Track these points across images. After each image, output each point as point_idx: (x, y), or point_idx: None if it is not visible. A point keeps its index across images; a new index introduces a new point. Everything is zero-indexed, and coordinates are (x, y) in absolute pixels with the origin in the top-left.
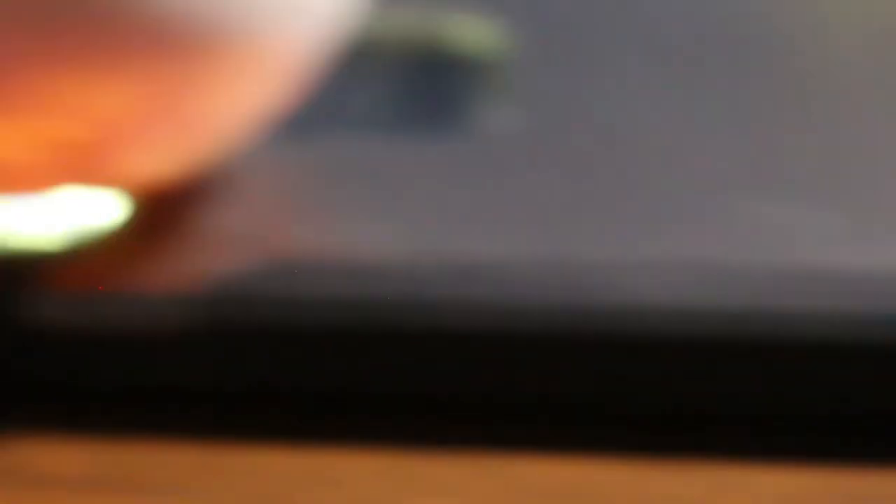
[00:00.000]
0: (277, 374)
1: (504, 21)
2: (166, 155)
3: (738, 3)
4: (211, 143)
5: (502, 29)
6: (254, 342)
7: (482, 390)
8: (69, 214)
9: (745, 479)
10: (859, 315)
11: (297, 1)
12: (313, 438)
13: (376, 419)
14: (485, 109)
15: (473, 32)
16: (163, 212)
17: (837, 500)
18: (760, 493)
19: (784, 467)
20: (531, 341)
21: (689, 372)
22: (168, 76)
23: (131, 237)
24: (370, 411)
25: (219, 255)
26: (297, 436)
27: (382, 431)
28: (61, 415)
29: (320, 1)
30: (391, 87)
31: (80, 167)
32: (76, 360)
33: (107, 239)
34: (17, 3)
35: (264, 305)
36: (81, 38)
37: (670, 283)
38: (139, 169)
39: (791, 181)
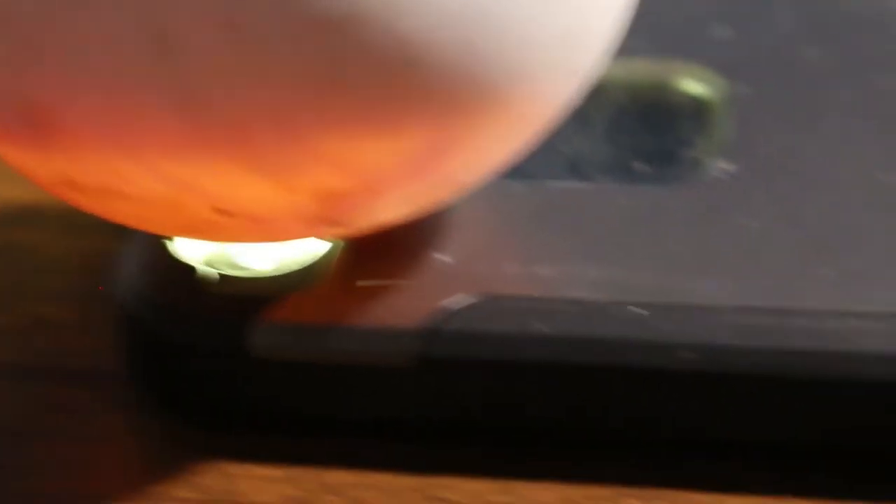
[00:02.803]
0: (483, 409)
1: (726, 70)
2: (409, 204)
3: None
4: (452, 193)
5: (724, 78)
6: (462, 376)
7: (683, 428)
8: (299, 250)
9: None
10: None
11: (560, 58)
12: (515, 474)
13: (587, 457)
14: (704, 156)
15: (695, 81)
16: (382, 248)
17: None
18: None
19: None
20: (733, 383)
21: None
22: (434, 133)
23: (351, 272)
24: (580, 447)
25: (433, 292)
26: (499, 472)
27: (580, 468)
28: (273, 443)
29: (580, 58)
30: (610, 132)
31: (331, 216)
32: (295, 389)
33: (329, 274)
34: (298, 64)
35: (473, 341)
36: (357, 98)
37: (881, 332)
38: (381, 217)
39: None
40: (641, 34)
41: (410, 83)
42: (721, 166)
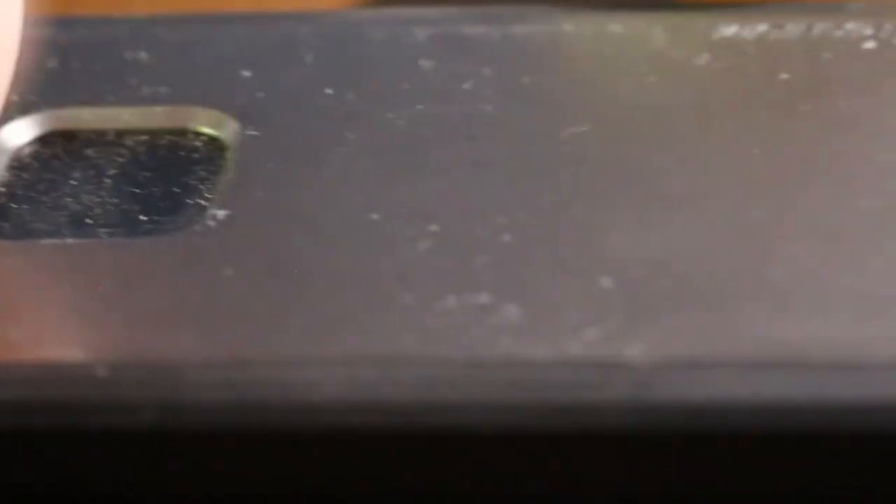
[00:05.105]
0: None
1: (242, 114)
2: None
3: (473, 104)
4: None
5: (239, 122)
6: None
7: (168, 487)
8: None
9: None
10: (531, 404)
11: None
12: None
13: None
14: (207, 203)
15: (211, 126)
16: None
17: None
18: None
19: None
20: (193, 440)
21: (366, 462)
22: None
23: None
24: None
25: None
26: None
27: None
28: None
29: None
30: (121, 183)
31: None
32: None
33: None
34: None
35: None
36: None
37: (348, 379)
38: None
39: (476, 273)
40: (159, 81)
41: None
42: (218, 214)
